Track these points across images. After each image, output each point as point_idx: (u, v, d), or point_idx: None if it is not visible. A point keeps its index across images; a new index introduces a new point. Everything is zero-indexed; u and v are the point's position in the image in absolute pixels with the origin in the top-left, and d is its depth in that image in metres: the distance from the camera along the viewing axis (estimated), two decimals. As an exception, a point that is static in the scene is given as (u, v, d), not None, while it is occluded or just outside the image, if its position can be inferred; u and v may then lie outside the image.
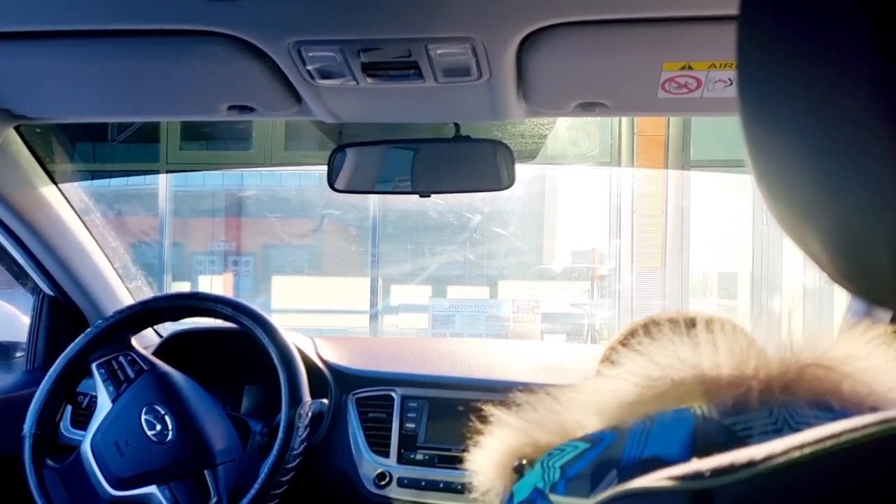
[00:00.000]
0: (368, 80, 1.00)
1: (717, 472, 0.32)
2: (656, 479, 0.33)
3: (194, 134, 5.92)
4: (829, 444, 0.31)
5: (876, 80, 0.21)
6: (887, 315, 1.00)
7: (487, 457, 0.47)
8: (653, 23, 0.87)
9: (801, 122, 0.25)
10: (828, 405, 0.38)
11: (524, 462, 0.44)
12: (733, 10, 0.27)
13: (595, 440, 0.40)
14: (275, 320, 1.45)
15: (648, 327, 0.50)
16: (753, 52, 0.28)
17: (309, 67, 0.98)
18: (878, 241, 0.23)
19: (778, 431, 0.37)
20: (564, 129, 5.41)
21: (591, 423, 0.42)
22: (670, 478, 0.33)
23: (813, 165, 0.25)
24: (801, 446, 0.31)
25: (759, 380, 0.38)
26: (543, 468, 0.41)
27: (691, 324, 0.42)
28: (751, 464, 0.31)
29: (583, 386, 0.45)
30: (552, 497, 0.40)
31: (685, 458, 0.36)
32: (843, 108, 0.23)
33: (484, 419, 0.48)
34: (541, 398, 0.46)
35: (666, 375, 0.40)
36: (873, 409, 0.38)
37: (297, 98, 1.10)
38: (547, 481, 0.41)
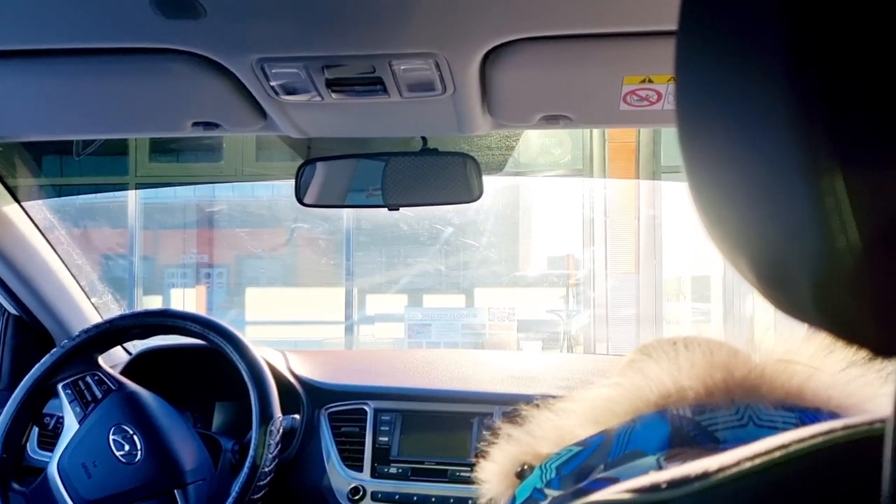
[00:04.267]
0: (333, 95, 1.01)
1: (673, 483, 0.33)
2: (615, 491, 0.34)
3: (163, 147, 5.87)
4: (777, 454, 0.32)
5: (793, 127, 0.22)
6: None
7: (493, 467, 0.51)
8: (613, 38, 0.88)
9: (730, 154, 0.26)
10: (793, 405, 0.41)
11: (525, 468, 0.47)
12: None
13: (586, 443, 0.43)
14: (246, 335, 1.44)
15: (643, 351, 0.55)
16: (689, 79, 0.29)
17: (273, 84, 0.98)
18: (798, 271, 0.24)
19: (743, 427, 0.40)
20: (536, 137, 5.46)
21: (585, 431, 0.45)
22: (629, 490, 0.34)
23: (742, 197, 0.26)
24: (752, 457, 0.32)
25: (722, 386, 0.42)
26: (542, 470, 0.45)
27: (683, 345, 0.46)
28: (705, 475, 0.32)
29: (577, 396, 0.49)
30: (547, 491, 0.43)
31: (664, 447, 0.40)
32: (765, 146, 0.24)
33: (492, 431, 0.53)
34: (541, 412, 0.50)
35: (647, 384, 0.44)
36: (833, 414, 0.40)
37: (263, 114, 1.09)
38: (544, 480, 0.44)
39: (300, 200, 1.33)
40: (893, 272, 0.22)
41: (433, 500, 1.42)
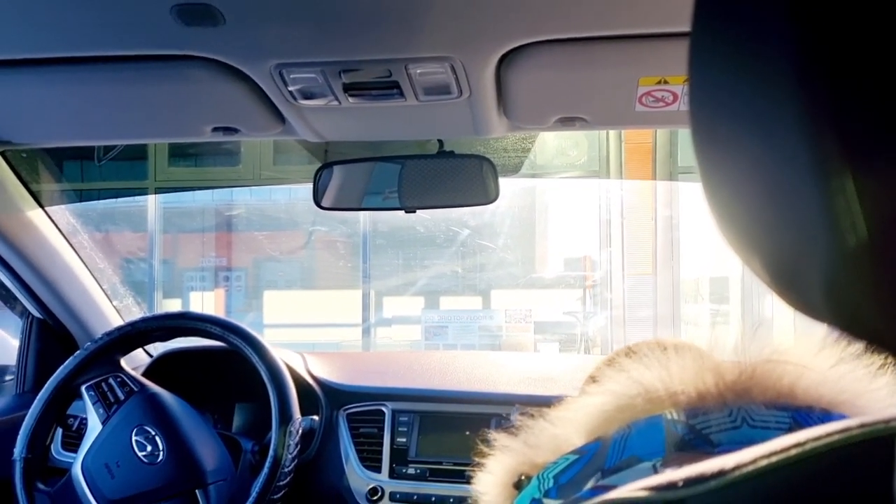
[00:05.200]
0: (350, 99, 1.02)
1: (689, 481, 0.33)
2: (633, 489, 0.35)
3: (182, 151, 5.93)
4: (793, 452, 0.32)
5: (803, 130, 0.22)
6: None
7: (490, 478, 0.51)
8: (628, 39, 0.89)
9: (742, 155, 0.27)
10: (785, 404, 0.41)
11: (523, 478, 0.47)
12: None
13: (583, 451, 0.43)
14: (266, 337, 1.46)
15: (629, 353, 0.54)
16: (702, 80, 0.30)
17: (291, 89, 0.99)
18: (810, 270, 0.24)
19: (737, 428, 0.40)
20: (552, 138, 5.45)
21: (581, 439, 0.45)
22: (645, 488, 0.34)
23: (754, 197, 0.27)
24: (769, 455, 0.32)
25: (714, 390, 0.42)
26: (539, 480, 0.44)
27: (665, 349, 0.46)
28: (721, 473, 0.32)
29: (570, 404, 0.48)
30: (546, 501, 0.43)
31: (660, 453, 0.40)
32: (777, 147, 0.24)
33: (485, 441, 0.52)
34: (536, 420, 0.50)
35: (640, 391, 0.44)
36: (825, 412, 0.40)
37: (281, 119, 1.11)
38: (542, 490, 0.44)
39: (318, 204, 1.34)
40: None
41: (451, 500, 1.43)
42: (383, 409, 1.53)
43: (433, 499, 1.44)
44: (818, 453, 0.32)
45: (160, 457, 1.34)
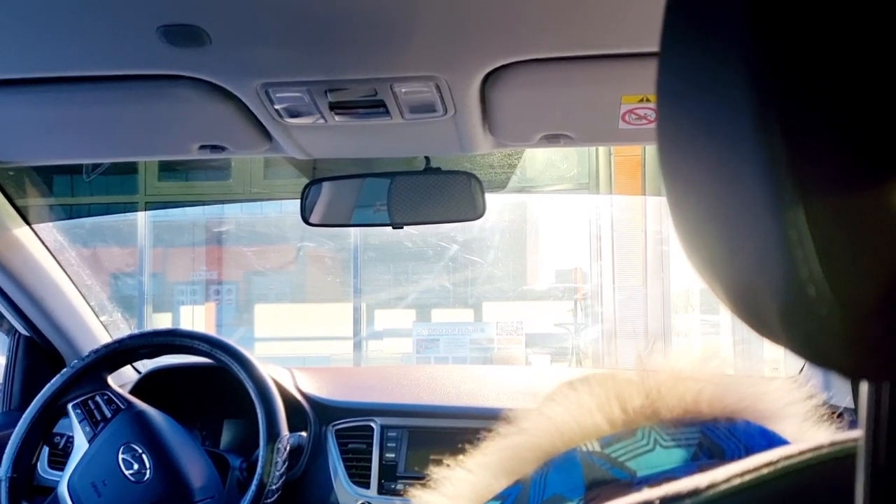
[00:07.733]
0: (336, 118, 1.02)
1: (665, 500, 0.33)
2: None
3: (172, 166, 5.92)
4: (765, 471, 0.33)
5: (759, 163, 0.23)
6: None
7: None
8: (610, 59, 0.90)
9: (703, 183, 0.27)
10: (692, 419, 0.41)
11: None
12: None
13: (504, 496, 0.43)
14: (256, 351, 1.46)
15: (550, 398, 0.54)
16: (668, 106, 0.30)
17: (277, 107, 0.99)
18: (766, 298, 0.25)
19: (650, 451, 0.40)
20: (542, 152, 5.47)
21: (501, 483, 0.45)
22: None
23: (715, 225, 0.27)
24: (742, 474, 0.33)
25: (623, 416, 0.42)
26: None
27: (574, 386, 0.45)
28: (696, 491, 0.33)
29: (487, 448, 0.48)
30: None
31: (580, 488, 0.39)
32: (735, 178, 0.25)
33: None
34: (453, 471, 0.48)
35: (552, 426, 0.43)
36: (729, 420, 0.41)
37: (268, 137, 1.11)
38: None
39: (306, 220, 1.35)
40: (855, 299, 0.23)
41: (440, 516, 1.42)
42: (372, 424, 1.53)
43: (422, 515, 1.44)
44: (789, 472, 0.33)
45: (147, 475, 1.33)
